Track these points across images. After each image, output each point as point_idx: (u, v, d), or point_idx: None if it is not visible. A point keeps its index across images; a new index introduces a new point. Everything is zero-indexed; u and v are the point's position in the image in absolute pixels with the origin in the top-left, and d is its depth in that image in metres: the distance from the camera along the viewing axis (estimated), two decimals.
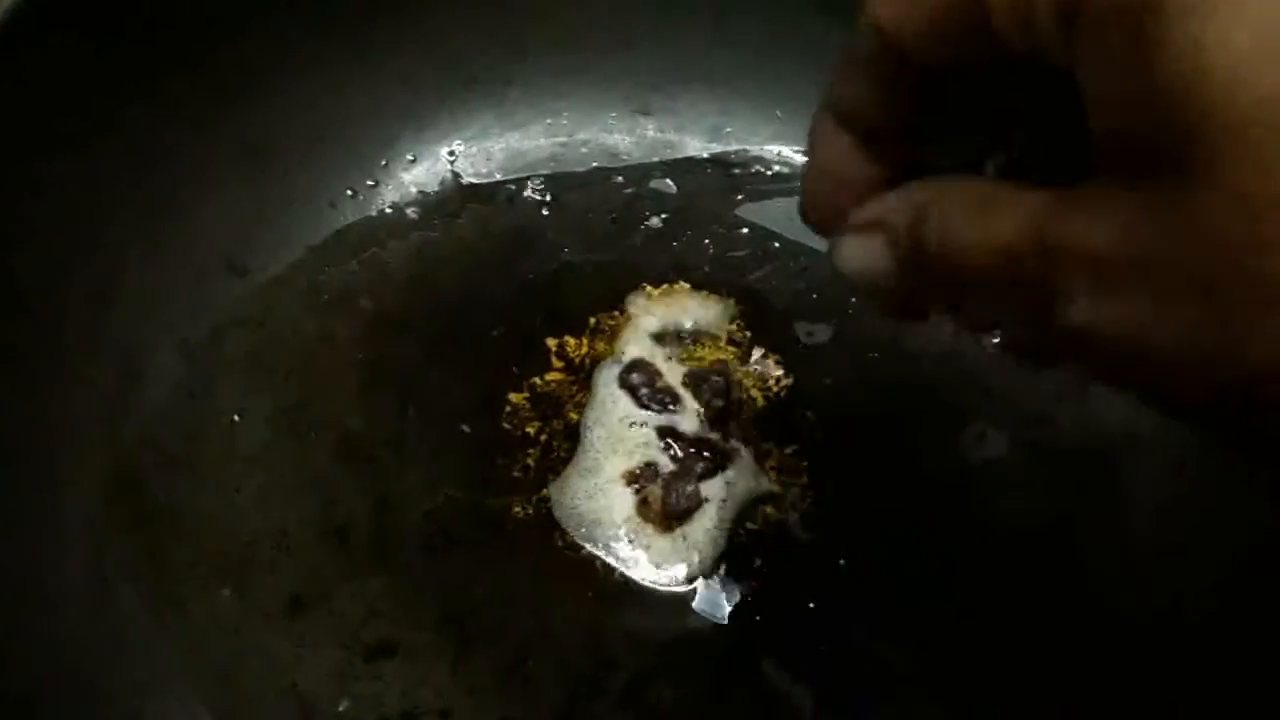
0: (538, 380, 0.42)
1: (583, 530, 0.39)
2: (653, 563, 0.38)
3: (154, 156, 0.40)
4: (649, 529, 0.39)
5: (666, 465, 0.39)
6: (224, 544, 0.38)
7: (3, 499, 0.35)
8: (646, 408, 0.40)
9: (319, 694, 0.36)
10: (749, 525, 0.39)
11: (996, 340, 0.40)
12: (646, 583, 0.38)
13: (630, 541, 0.38)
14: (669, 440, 0.40)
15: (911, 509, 0.40)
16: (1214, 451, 0.39)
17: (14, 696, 0.32)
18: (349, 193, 0.45)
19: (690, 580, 0.38)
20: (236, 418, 0.40)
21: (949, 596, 0.39)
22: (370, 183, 0.45)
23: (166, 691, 0.35)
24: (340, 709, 0.36)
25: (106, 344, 0.39)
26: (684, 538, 0.39)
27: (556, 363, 0.43)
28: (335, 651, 0.37)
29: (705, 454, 0.39)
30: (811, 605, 0.38)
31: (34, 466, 0.36)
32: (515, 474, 0.40)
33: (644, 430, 0.40)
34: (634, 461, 0.40)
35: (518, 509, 0.40)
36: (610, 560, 0.38)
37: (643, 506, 0.39)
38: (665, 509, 0.38)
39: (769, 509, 0.40)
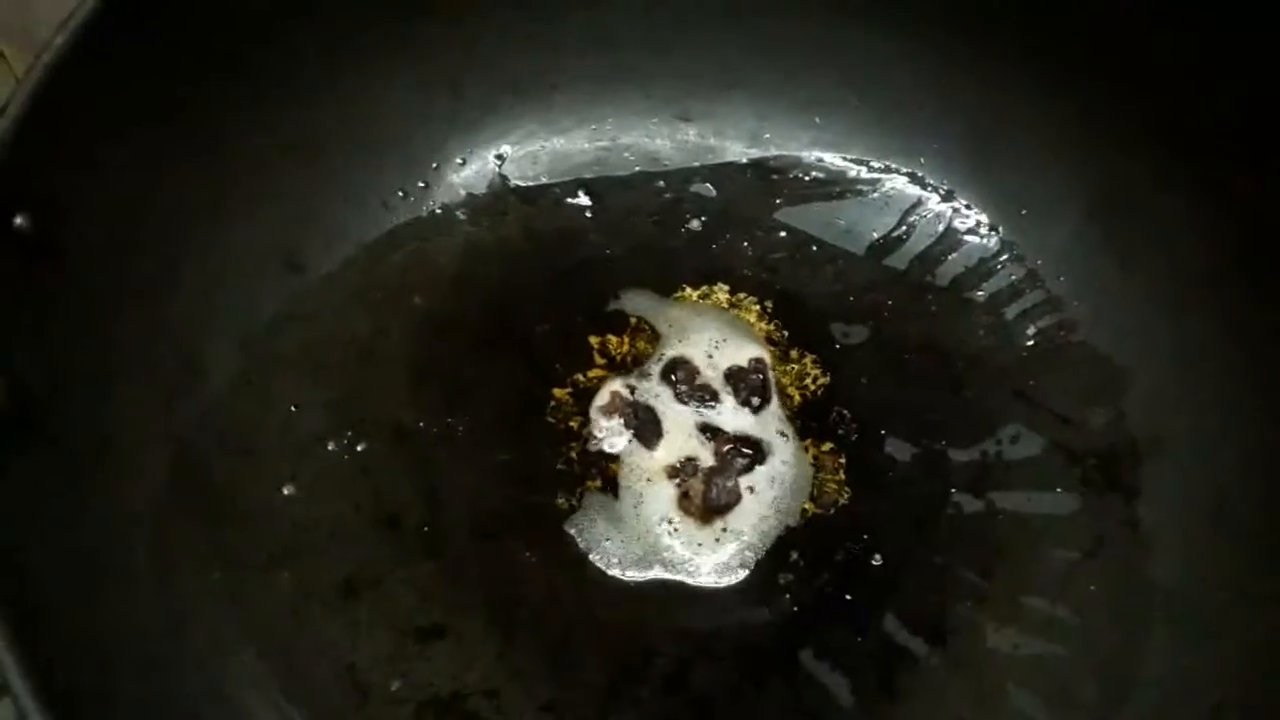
0: (581, 376, 0.43)
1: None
2: (693, 556, 0.40)
3: (214, 156, 0.41)
4: (690, 522, 0.40)
5: (707, 460, 0.41)
6: (281, 529, 0.39)
7: (71, 486, 0.36)
8: (686, 404, 0.42)
9: (373, 673, 0.37)
10: (787, 520, 0.40)
11: (1030, 342, 0.41)
12: (687, 575, 0.39)
13: (671, 535, 0.40)
14: (709, 436, 0.41)
15: (946, 506, 0.41)
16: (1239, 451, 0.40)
17: (87, 671, 0.33)
18: (401, 194, 0.46)
19: (729, 573, 0.39)
20: (293, 408, 0.42)
21: (983, 591, 0.40)
22: (421, 184, 0.47)
23: (236, 667, 0.36)
24: (393, 688, 0.37)
25: (168, 334, 0.40)
26: (724, 531, 0.40)
27: (599, 360, 0.44)
28: (388, 634, 0.38)
29: (745, 449, 0.41)
30: (849, 598, 0.39)
31: (100, 453, 0.37)
32: (559, 467, 0.42)
33: (685, 426, 0.41)
34: (675, 456, 0.41)
35: (561, 500, 0.41)
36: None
37: (683, 500, 0.40)
38: (706, 503, 0.40)
39: (806, 504, 0.41)
